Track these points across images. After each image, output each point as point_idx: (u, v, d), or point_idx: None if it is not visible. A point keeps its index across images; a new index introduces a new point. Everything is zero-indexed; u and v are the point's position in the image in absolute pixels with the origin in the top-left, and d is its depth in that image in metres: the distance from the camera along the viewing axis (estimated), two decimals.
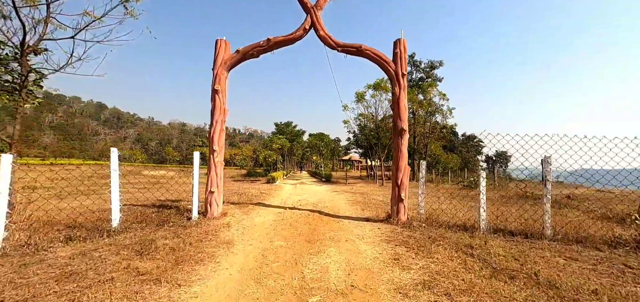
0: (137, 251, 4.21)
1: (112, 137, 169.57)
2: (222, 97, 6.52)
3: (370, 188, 15.71)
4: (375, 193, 12.56)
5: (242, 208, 7.75)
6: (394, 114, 6.42)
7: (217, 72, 6.50)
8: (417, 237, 5.15)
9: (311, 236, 5.33)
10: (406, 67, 6.41)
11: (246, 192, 11.64)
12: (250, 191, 12.51)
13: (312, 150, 37.66)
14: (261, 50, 6.60)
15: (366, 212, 7.65)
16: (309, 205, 8.69)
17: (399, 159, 6.24)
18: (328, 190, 14.32)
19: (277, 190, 13.83)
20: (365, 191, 13.85)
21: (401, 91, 6.34)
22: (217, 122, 6.43)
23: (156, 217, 6.06)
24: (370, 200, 9.98)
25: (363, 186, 18.10)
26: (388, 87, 21.06)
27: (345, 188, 15.64)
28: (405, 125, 6.29)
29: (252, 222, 6.19)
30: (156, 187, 14.09)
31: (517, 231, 5.57)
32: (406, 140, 6.30)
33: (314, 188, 15.79)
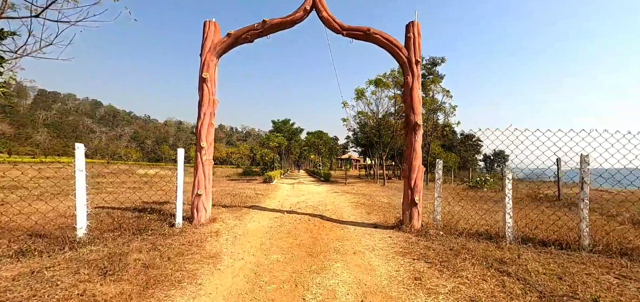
0: (101, 270, 3.43)
1: (107, 135, 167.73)
2: (211, 87, 5.74)
3: (372, 188, 14.98)
4: (379, 194, 11.82)
5: (235, 212, 6.97)
6: (406, 107, 5.67)
7: (205, 59, 5.71)
8: (437, 249, 4.41)
9: (313, 247, 4.57)
10: (420, 53, 5.66)
11: (241, 193, 10.85)
12: (246, 191, 11.73)
13: (310, 148, 36.87)
14: (256, 34, 5.82)
15: (373, 216, 6.90)
16: (309, 208, 7.93)
17: (412, 158, 5.50)
18: (328, 190, 13.56)
19: (274, 190, 13.06)
20: (368, 191, 13.11)
21: (414, 80, 5.60)
22: (205, 115, 5.65)
23: (135, 224, 5.27)
24: (375, 202, 9.23)
25: (364, 186, 17.36)
26: (389, 84, 20.36)
27: (345, 188, 14.90)
28: (420, 118, 5.55)
29: (244, 230, 5.42)
30: (146, 187, 13.27)
31: (548, 240, 4.85)
32: (420, 136, 5.56)
33: (313, 188, 15.03)
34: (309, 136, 29.71)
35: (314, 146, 30.43)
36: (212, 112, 5.77)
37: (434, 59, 27.76)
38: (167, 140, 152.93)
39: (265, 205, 8.26)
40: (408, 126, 5.61)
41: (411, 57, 5.62)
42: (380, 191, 13.53)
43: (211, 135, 5.76)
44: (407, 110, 5.67)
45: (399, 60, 5.76)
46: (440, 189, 5.57)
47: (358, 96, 21.64)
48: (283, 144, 22.62)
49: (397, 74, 20.75)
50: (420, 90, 5.65)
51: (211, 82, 5.74)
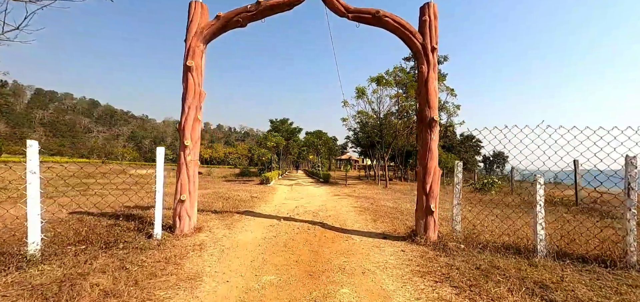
0: (45, 300, 2.70)
1: (105, 135, 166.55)
2: (197, 77, 5.00)
3: (375, 191, 14.26)
4: (382, 197, 11.11)
5: (225, 219, 6.22)
6: (420, 100, 4.96)
7: (191, 45, 4.98)
8: (461, 268, 3.69)
9: (313, 264, 3.85)
10: (437, 39, 4.96)
11: (234, 196, 10.11)
12: (240, 194, 10.98)
13: (309, 149, 36.12)
14: (249, 17, 5.09)
15: (380, 224, 6.17)
16: (308, 214, 7.20)
17: (427, 159, 4.79)
18: (328, 193, 12.84)
19: (271, 193, 12.32)
20: (370, 194, 12.39)
21: (430, 70, 4.89)
22: (190, 109, 4.91)
23: (106, 234, 4.53)
24: (380, 207, 8.51)
25: (365, 187, 16.64)
26: (391, 82, 19.67)
27: (346, 191, 14.17)
28: (436, 113, 4.84)
29: (234, 242, 4.68)
30: (136, 188, 12.51)
31: (588, 256, 4.15)
32: (437, 134, 4.85)
33: (312, 190, 14.30)
34: (308, 136, 28.95)
35: (312, 146, 29.70)
36: (198, 106, 5.04)
37: None
38: (165, 139, 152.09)
39: (260, 210, 7.52)
40: (422, 122, 4.89)
41: (426, 43, 4.91)
42: (384, 193, 12.81)
43: (197, 132, 5.03)
44: (421, 104, 4.95)
45: (412, 47, 5.05)
46: (459, 196, 4.86)
47: (359, 95, 20.94)
48: (281, 144, 21.88)
49: (399, 72, 20.09)
50: (436, 81, 4.94)
51: (197, 72, 5.01)
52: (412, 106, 22.06)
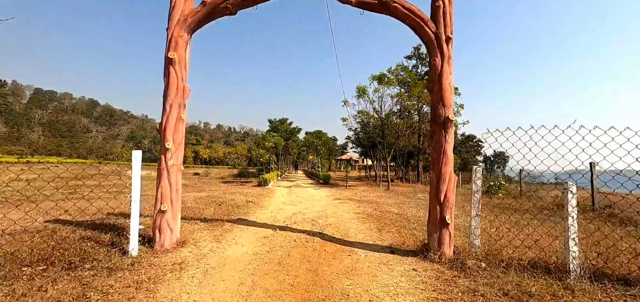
0: None
1: (104, 135, 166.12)
2: (180, 71, 4.42)
3: (377, 194, 13.68)
4: (385, 201, 10.52)
5: (215, 229, 5.64)
6: (434, 98, 4.38)
7: (173, 34, 4.40)
8: (486, 295, 3.11)
9: (312, 288, 3.27)
10: (452, 28, 4.37)
11: (229, 200, 9.52)
12: (236, 197, 10.40)
13: (309, 149, 35.52)
14: (238, 3, 4.51)
15: (386, 235, 5.59)
16: (306, 222, 6.61)
17: (441, 163, 4.21)
18: (328, 196, 12.26)
19: (269, 196, 11.74)
20: (373, 197, 11.80)
21: (444, 63, 4.31)
22: (172, 107, 4.33)
23: (75, 250, 3.95)
24: (384, 213, 7.93)
25: (367, 190, 16.06)
26: (393, 81, 19.08)
27: (347, 193, 13.59)
28: (451, 112, 4.26)
29: (221, 259, 4.10)
30: (127, 191, 11.96)
31: (631, 277, 3.57)
32: (452, 136, 4.26)
33: (312, 193, 13.72)
34: (308, 136, 28.29)
35: (312, 146, 29.11)
36: (182, 104, 4.45)
37: None
38: None
39: (254, 218, 6.93)
40: (436, 122, 4.31)
41: (440, 32, 4.33)
42: (387, 197, 12.23)
43: (180, 134, 4.45)
44: (434, 102, 4.37)
45: (423, 36, 4.47)
46: (478, 206, 4.27)
47: (359, 94, 20.35)
48: (280, 145, 21.29)
49: (401, 71, 19.49)
50: (452, 75, 4.36)
51: (180, 65, 4.43)
52: (414, 105, 21.50)
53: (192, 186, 16.40)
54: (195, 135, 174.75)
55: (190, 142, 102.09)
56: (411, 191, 16.01)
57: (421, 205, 9.68)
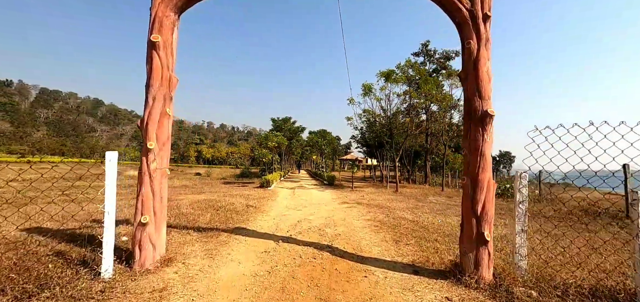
0: None
1: (108, 134, 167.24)
2: (166, 57, 3.74)
3: (385, 196, 12.92)
4: (397, 205, 9.77)
5: (209, 241, 4.94)
6: (468, 88, 3.65)
7: (157, 14, 3.71)
8: None
9: None
10: (490, 3, 3.63)
11: (228, 204, 8.84)
12: (236, 200, 9.72)
13: (313, 149, 34.79)
14: None
15: (404, 249, 4.86)
16: (313, 231, 5.90)
17: (478, 168, 3.47)
18: (334, 199, 11.54)
19: (271, 199, 11.05)
20: (382, 201, 11.06)
21: (482, 47, 3.57)
22: (156, 100, 3.65)
23: (36, 271, 3.27)
24: (398, 220, 7.19)
25: (374, 192, 15.31)
26: (400, 79, 18.31)
27: (354, 196, 12.86)
28: (490, 105, 3.53)
29: (212, 283, 3.40)
30: (125, 192, 11.35)
31: None
32: (492, 134, 3.53)
33: (317, 195, 13.01)
34: (312, 135, 27.52)
35: (316, 146, 28.37)
36: (168, 96, 3.77)
37: (447, 52, 25.66)
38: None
39: (255, 226, 6.23)
40: (471, 118, 3.57)
41: (476, 9, 3.59)
42: (397, 200, 11.47)
43: (165, 131, 3.76)
44: (469, 92, 3.63)
45: (455, 14, 3.73)
46: (524, 220, 3.53)
47: (365, 92, 19.61)
48: (283, 144, 20.60)
49: (406, 68, 18.69)
50: (490, 62, 3.62)
51: (166, 50, 3.74)
52: (422, 104, 20.71)
53: (192, 187, 15.78)
54: (199, 134, 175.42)
55: (194, 142, 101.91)
56: (421, 193, 15.23)
57: (436, 210, 8.93)
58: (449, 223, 6.86)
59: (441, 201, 11.61)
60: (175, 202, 8.63)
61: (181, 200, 9.42)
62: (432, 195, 14.24)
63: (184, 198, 10.06)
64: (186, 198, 10.08)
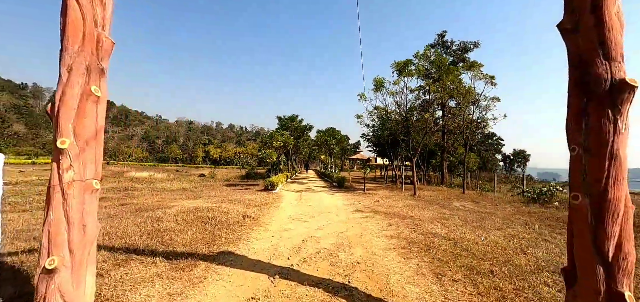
0: None
1: (119, 135, 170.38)
2: (92, 5, 2.39)
3: (404, 202, 11.41)
4: (421, 215, 8.27)
5: (177, 277, 3.57)
6: (581, 43, 2.18)
7: None
8: None
9: None
10: None
11: (222, 214, 7.51)
12: (232, 209, 8.40)
13: (321, 148, 33.34)
14: None
15: (451, 287, 3.40)
16: (322, 256, 4.49)
17: (605, 177, 2.01)
18: (346, 205, 10.11)
19: (274, 205, 9.70)
20: (401, 208, 9.56)
21: None
22: (73, 72, 2.31)
23: None
24: (429, 236, 5.72)
25: (389, 195, 13.81)
26: (416, 71, 16.73)
27: (368, 201, 11.41)
28: (624, 70, 2.05)
29: None
30: (105, 200, 10.21)
31: None
32: (628, 119, 2.05)
33: (326, 200, 11.61)
34: (320, 134, 26.03)
35: (324, 145, 26.92)
36: (94, 66, 2.42)
37: (465, 43, 23.85)
38: (177, 140, 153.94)
39: (246, 249, 4.84)
40: (590, 92, 2.11)
41: None
42: (419, 207, 9.95)
43: (91, 122, 2.41)
44: (583, 50, 2.17)
45: None
46: None
47: (377, 87, 18.08)
48: (289, 144, 19.26)
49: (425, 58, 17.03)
50: (620, 4, 2.14)
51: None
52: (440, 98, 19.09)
53: (191, 190, 14.59)
54: (208, 135, 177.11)
55: (202, 142, 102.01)
56: (441, 196, 13.65)
57: (469, 221, 7.39)
58: (496, 242, 5.34)
59: (469, 208, 10.04)
60: (159, 213, 7.35)
61: (169, 209, 8.15)
62: (455, 199, 12.65)
63: (174, 206, 8.80)
64: (176, 206, 8.82)
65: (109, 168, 33.44)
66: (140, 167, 42.29)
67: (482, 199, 13.58)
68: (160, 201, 10.07)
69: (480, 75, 15.47)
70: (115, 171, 28.92)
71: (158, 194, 12.30)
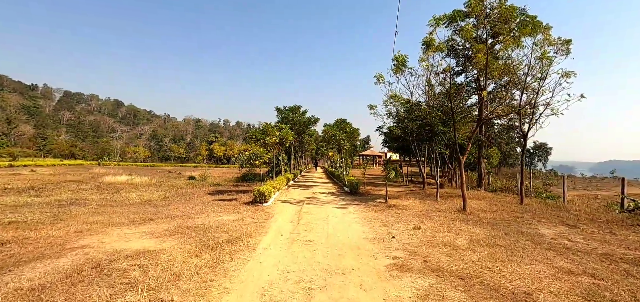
0: None
1: (128, 134, 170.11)
2: None
3: (456, 226, 7.35)
4: (507, 271, 4.21)
5: None
6: None
7: None
8: None
9: None
10: None
11: (153, 270, 3.62)
12: (179, 249, 4.51)
13: (329, 144, 29.15)
14: None
15: None
16: None
17: None
18: (367, 238, 6.17)
19: (255, 235, 5.86)
20: (465, 248, 5.51)
21: None
22: None
23: None
24: None
25: (423, 209, 9.77)
26: (444, 47, 12.46)
27: (401, 227, 7.41)
28: None
29: None
30: (63, 216, 6.60)
31: None
32: None
33: (334, 222, 7.71)
34: (327, 128, 21.98)
35: (332, 141, 22.83)
36: None
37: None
38: (185, 138, 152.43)
39: None
40: None
41: None
42: (488, 241, 5.89)
43: None
44: None
45: None
46: None
47: (397, 67, 13.86)
48: (288, 139, 15.36)
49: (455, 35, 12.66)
50: None
51: None
52: (474, 82, 14.78)
53: (154, 205, 10.89)
54: (215, 133, 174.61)
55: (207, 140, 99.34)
56: (497, 209, 9.53)
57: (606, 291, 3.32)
58: None
59: (579, 243, 5.91)
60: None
61: (25, 270, 4.34)
62: (526, 216, 8.51)
63: (64, 255, 5.00)
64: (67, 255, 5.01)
65: (93, 170, 30.27)
66: (129, 169, 39.15)
67: (561, 213, 9.39)
68: (65, 235, 6.32)
69: (550, 40, 11.06)
70: (99, 173, 25.68)
71: (96, 215, 8.59)
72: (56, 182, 17.71)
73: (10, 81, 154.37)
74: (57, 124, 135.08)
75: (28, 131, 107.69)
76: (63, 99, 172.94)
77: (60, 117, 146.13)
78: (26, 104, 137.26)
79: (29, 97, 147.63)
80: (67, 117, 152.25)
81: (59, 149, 60.68)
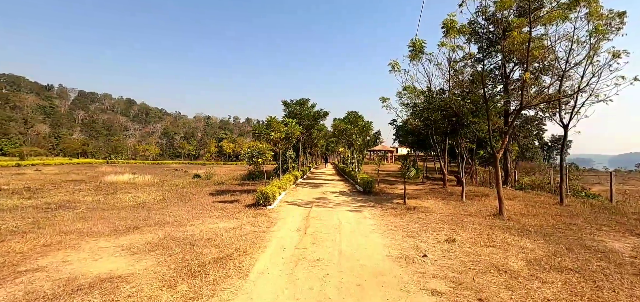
0: None
1: (140, 132, 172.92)
2: None
3: (499, 237, 6.01)
4: None
5: None
6: None
7: None
8: None
9: None
10: None
11: None
12: (153, 284, 3.39)
13: (339, 139, 27.77)
14: None
15: None
16: None
17: None
18: (390, 251, 4.98)
19: (250, 253, 4.73)
20: (524, 277, 4.17)
21: None
22: None
23: None
24: None
25: (450, 213, 8.44)
26: (466, 29, 11.03)
27: (430, 239, 6.13)
28: None
29: None
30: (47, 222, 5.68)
31: None
32: None
33: (347, 229, 6.49)
34: (337, 121, 20.72)
35: (344, 135, 21.59)
36: None
37: None
38: (195, 135, 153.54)
39: None
40: None
41: None
42: (538, 262, 4.55)
43: None
44: None
45: None
46: None
47: (414, 53, 12.42)
48: (294, 134, 14.15)
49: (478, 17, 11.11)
50: None
51: None
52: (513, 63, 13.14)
53: (148, 208, 9.91)
54: (225, 130, 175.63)
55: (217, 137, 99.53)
56: (541, 213, 8.08)
57: None
58: None
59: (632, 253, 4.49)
60: None
61: None
62: (580, 222, 7.06)
63: (22, 276, 3.96)
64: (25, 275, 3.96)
65: (99, 169, 29.94)
66: (136, 167, 38.93)
67: (618, 217, 7.86)
68: (28, 251, 5.32)
69: (598, 14, 9.39)
70: (104, 171, 25.21)
71: (79, 221, 7.63)
72: (56, 182, 17.11)
73: (28, 82, 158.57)
74: (72, 123, 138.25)
75: (44, 131, 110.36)
76: (78, 99, 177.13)
77: (75, 117, 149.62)
78: (42, 104, 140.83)
79: (45, 97, 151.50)
80: (81, 116, 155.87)
81: (72, 148, 61.46)
